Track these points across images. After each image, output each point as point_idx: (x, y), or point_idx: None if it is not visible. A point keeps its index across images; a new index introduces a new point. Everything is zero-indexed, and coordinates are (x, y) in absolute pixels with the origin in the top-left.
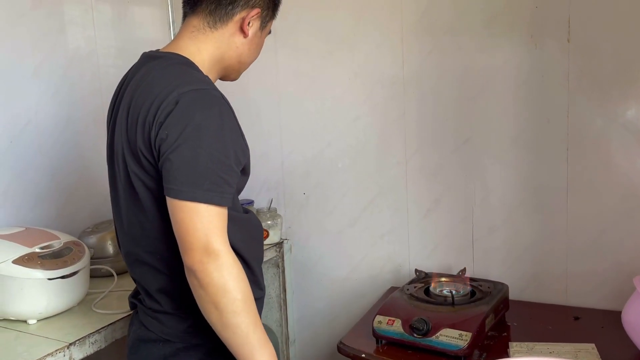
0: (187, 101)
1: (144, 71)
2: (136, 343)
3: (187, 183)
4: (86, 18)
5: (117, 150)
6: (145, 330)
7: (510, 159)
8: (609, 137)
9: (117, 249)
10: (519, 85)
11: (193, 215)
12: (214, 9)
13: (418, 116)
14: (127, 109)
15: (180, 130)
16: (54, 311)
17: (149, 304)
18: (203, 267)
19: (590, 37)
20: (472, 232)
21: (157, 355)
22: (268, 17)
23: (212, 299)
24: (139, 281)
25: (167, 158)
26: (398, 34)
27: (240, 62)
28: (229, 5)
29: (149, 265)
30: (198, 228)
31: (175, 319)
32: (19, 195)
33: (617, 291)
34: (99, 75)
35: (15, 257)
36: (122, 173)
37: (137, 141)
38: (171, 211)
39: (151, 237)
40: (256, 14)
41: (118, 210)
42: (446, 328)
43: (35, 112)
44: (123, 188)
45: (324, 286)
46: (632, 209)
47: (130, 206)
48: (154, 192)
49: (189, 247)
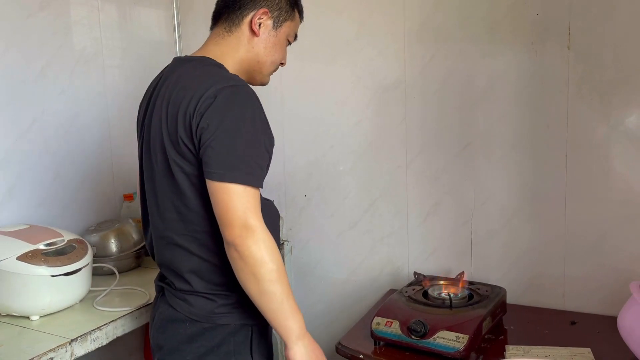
0: (225, 95)
1: (179, 72)
2: (164, 323)
3: (228, 167)
4: (92, 19)
5: (155, 143)
6: (174, 311)
7: (509, 164)
8: (608, 144)
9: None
10: (519, 91)
11: (233, 195)
12: (227, 16)
13: (419, 121)
14: (167, 105)
15: (220, 120)
16: (57, 308)
17: (179, 285)
18: (242, 240)
19: (590, 44)
20: (471, 236)
21: (184, 334)
22: (282, 17)
23: (251, 269)
24: (169, 264)
25: (208, 145)
26: (401, 39)
27: (259, 62)
28: (237, 10)
29: (182, 248)
30: (238, 207)
31: (204, 300)
32: (24, 193)
33: (613, 296)
34: (104, 76)
35: (20, 254)
36: (160, 163)
37: (178, 131)
38: (213, 192)
39: (186, 220)
40: (263, 13)
41: (154, 199)
42: (443, 330)
43: (42, 112)
44: (161, 176)
45: (323, 288)
46: (630, 215)
47: (167, 192)
48: (191, 177)
49: (229, 223)
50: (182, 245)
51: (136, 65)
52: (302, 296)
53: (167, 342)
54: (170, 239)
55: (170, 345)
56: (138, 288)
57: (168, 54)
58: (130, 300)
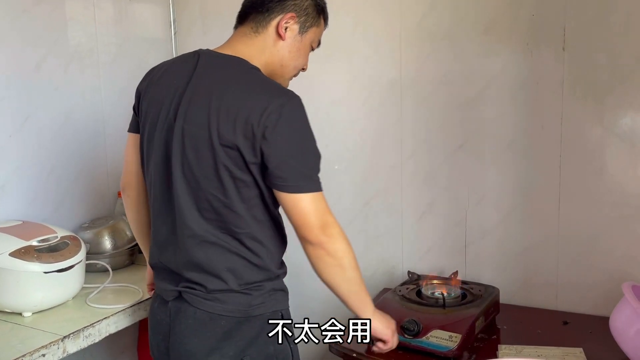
0: (290, 110)
1: (224, 74)
2: (195, 327)
3: (303, 179)
4: (87, 15)
5: (196, 142)
6: (204, 312)
7: (504, 164)
8: (602, 145)
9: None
10: (514, 91)
11: (311, 203)
12: (255, 17)
13: (415, 120)
14: (217, 108)
15: (290, 136)
16: (49, 304)
17: (213, 285)
18: (327, 238)
19: (585, 46)
20: (465, 236)
21: (220, 332)
22: (308, 23)
23: (339, 261)
24: (201, 264)
25: (282, 161)
26: (396, 38)
27: (282, 65)
28: (265, 12)
29: (219, 246)
30: (316, 212)
31: (240, 296)
32: (17, 189)
33: (606, 297)
34: (99, 72)
35: (12, 250)
36: (206, 164)
37: (236, 138)
38: (289, 203)
39: (226, 220)
40: (290, 17)
41: (189, 198)
42: (436, 329)
43: (36, 107)
44: (205, 177)
45: (317, 287)
46: (623, 216)
47: (209, 193)
48: (238, 182)
49: (311, 227)
50: (219, 244)
51: (131, 62)
52: (295, 295)
53: (201, 345)
54: (206, 237)
55: (206, 346)
56: (131, 285)
57: (163, 51)
58: (124, 298)
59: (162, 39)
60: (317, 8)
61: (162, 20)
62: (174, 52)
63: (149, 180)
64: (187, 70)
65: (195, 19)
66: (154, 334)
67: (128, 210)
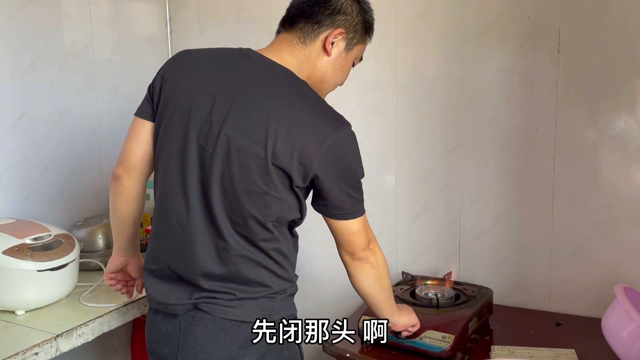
0: (345, 142)
1: (273, 87)
2: (214, 336)
3: (355, 206)
4: (83, 13)
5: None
6: (225, 321)
7: (498, 166)
8: (596, 147)
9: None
10: (509, 93)
11: (361, 224)
12: (303, 27)
13: (410, 121)
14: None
15: (346, 166)
16: (43, 303)
17: (241, 294)
18: (373, 255)
19: (579, 48)
20: (459, 237)
21: (242, 338)
22: (355, 40)
23: (381, 272)
24: (228, 275)
25: (339, 189)
26: (392, 39)
27: (323, 81)
28: (315, 25)
29: (249, 259)
30: (364, 232)
31: (265, 301)
32: (11, 187)
33: (598, 299)
34: (94, 70)
35: (5, 248)
36: (252, 179)
37: (292, 164)
38: (344, 229)
39: (257, 235)
40: (339, 33)
41: (223, 209)
42: (430, 330)
43: (30, 105)
44: (247, 192)
45: (311, 287)
46: (617, 218)
47: (249, 209)
48: (282, 203)
49: (360, 246)
50: (250, 257)
51: (127, 60)
52: None
53: (221, 353)
54: (238, 251)
55: (226, 355)
56: None
57: (159, 49)
58: (117, 297)
59: (158, 37)
60: (366, 25)
61: (158, 19)
62: (170, 50)
63: (161, 175)
64: (233, 70)
65: (192, 17)
66: (159, 347)
67: (117, 200)
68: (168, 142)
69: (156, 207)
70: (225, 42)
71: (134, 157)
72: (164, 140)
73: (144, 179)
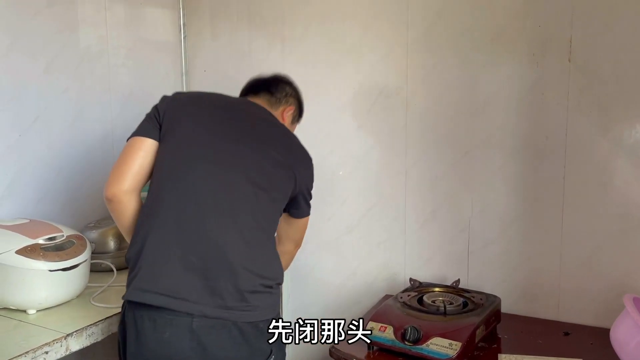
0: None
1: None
2: (233, 340)
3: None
4: (99, 17)
5: (259, 173)
6: (245, 324)
7: (508, 173)
8: (606, 157)
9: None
10: (519, 101)
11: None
12: (269, 98)
13: (419, 128)
14: (272, 156)
15: (311, 182)
16: (54, 302)
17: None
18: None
19: (590, 57)
20: (468, 244)
21: (258, 335)
22: (295, 117)
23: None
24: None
25: (306, 197)
26: (403, 46)
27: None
28: (276, 101)
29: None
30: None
31: (269, 297)
32: (25, 188)
33: (607, 309)
34: (108, 74)
35: (18, 248)
36: (275, 194)
37: (286, 185)
38: (301, 224)
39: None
40: (291, 110)
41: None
42: (437, 337)
43: (45, 108)
44: (271, 199)
45: (319, 292)
46: (626, 229)
47: (271, 216)
48: (277, 206)
49: (302, 239)
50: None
51: (141, 64)
52: (297, 299)
53: (242, 351)
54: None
55: (247, 352)
56: None
57: (173, 54)
58: None
59: (171, 42)
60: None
61: (172, 24)
62: (183, 55)
63: (186, 191)
64: (233, 102)
65: (205, 23)
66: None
67: (131, 215)
68: (195, 157)
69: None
70: (237, 48)
71: (143, 172)
72: (188, 156)
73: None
